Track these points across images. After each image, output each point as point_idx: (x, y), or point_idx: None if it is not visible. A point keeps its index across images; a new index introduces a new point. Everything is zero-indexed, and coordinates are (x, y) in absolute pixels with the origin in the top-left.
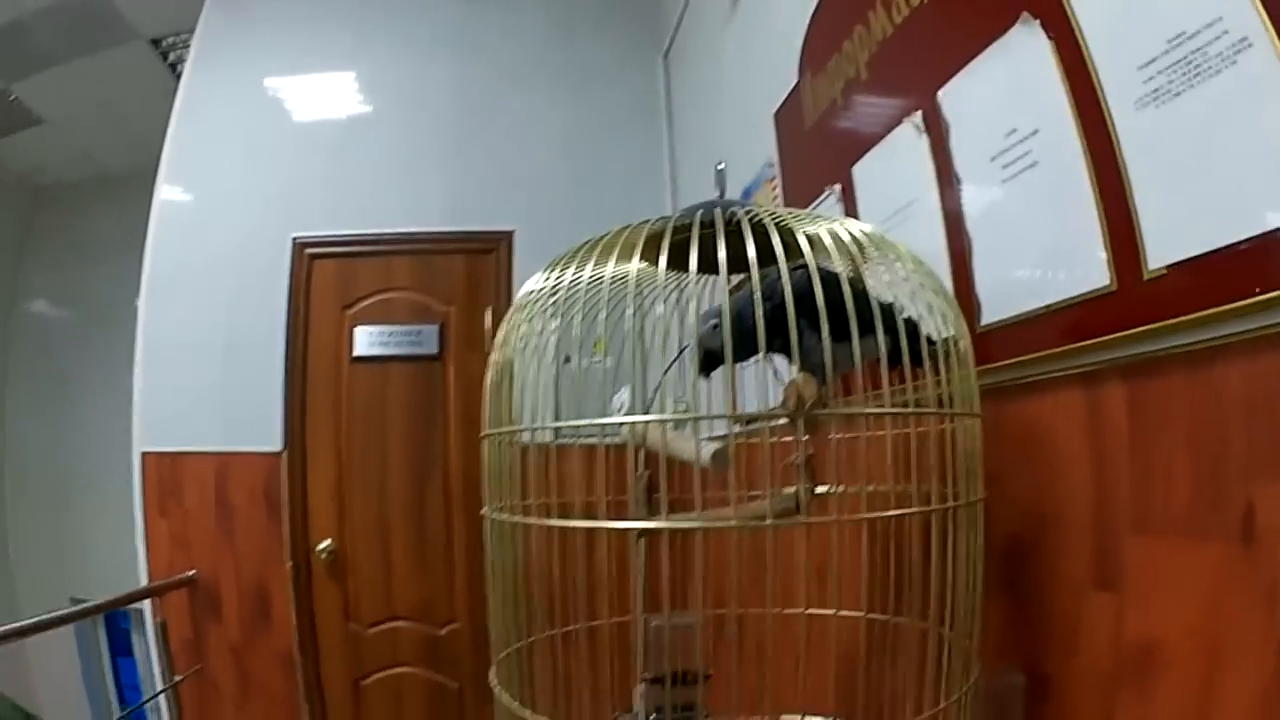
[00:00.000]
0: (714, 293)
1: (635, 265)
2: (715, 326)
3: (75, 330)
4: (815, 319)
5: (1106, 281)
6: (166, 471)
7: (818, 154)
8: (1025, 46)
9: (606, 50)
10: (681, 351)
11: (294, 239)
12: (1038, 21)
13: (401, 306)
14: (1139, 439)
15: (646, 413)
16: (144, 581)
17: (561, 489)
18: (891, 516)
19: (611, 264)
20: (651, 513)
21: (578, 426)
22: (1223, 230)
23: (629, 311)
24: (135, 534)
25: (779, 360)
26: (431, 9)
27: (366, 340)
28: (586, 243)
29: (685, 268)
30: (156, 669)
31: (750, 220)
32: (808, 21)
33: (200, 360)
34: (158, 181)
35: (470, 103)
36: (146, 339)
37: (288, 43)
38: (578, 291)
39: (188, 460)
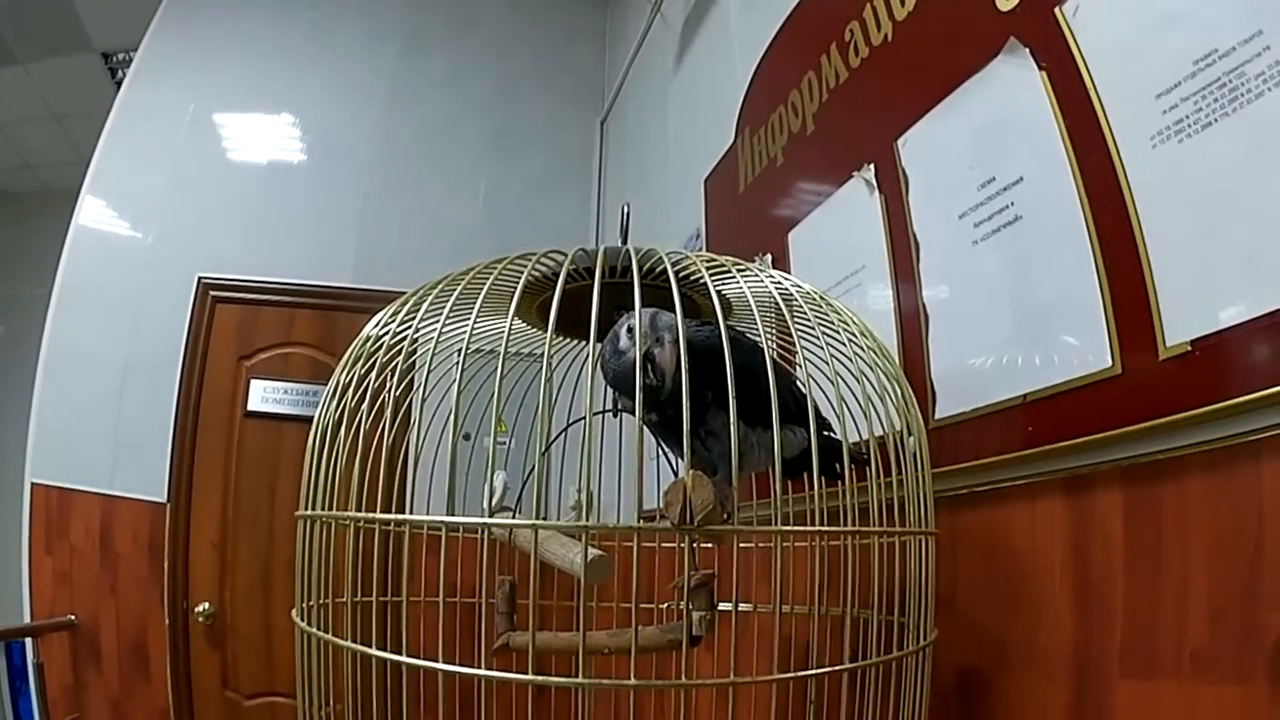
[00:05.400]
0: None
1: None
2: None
3: (3, 344)
4: (721, 392)
5: (1108, 363)
6: (54, 507)
7: (750, 220)
8: (1010, 79)
9: (543, 112)
10: (565, 428)
11: (200, 278)
12: (1027, 50)
13: (300, 363)
14: (1139, 557)
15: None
16: (26, 617)
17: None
18: (815, 676)
19: (475, 318)
20: (514, 625)
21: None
22: (1270, 292)
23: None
24: (20, 567)
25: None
26: (369, 56)
27: (262, 395)
28: (445, 278)
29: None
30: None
31: (648, 269)
32: (752, 72)
33: (95, 393)
34: (80, 196)
35: (395, 156)
36: (49, 361)
37: (225, 74)
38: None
39: (75, 498)
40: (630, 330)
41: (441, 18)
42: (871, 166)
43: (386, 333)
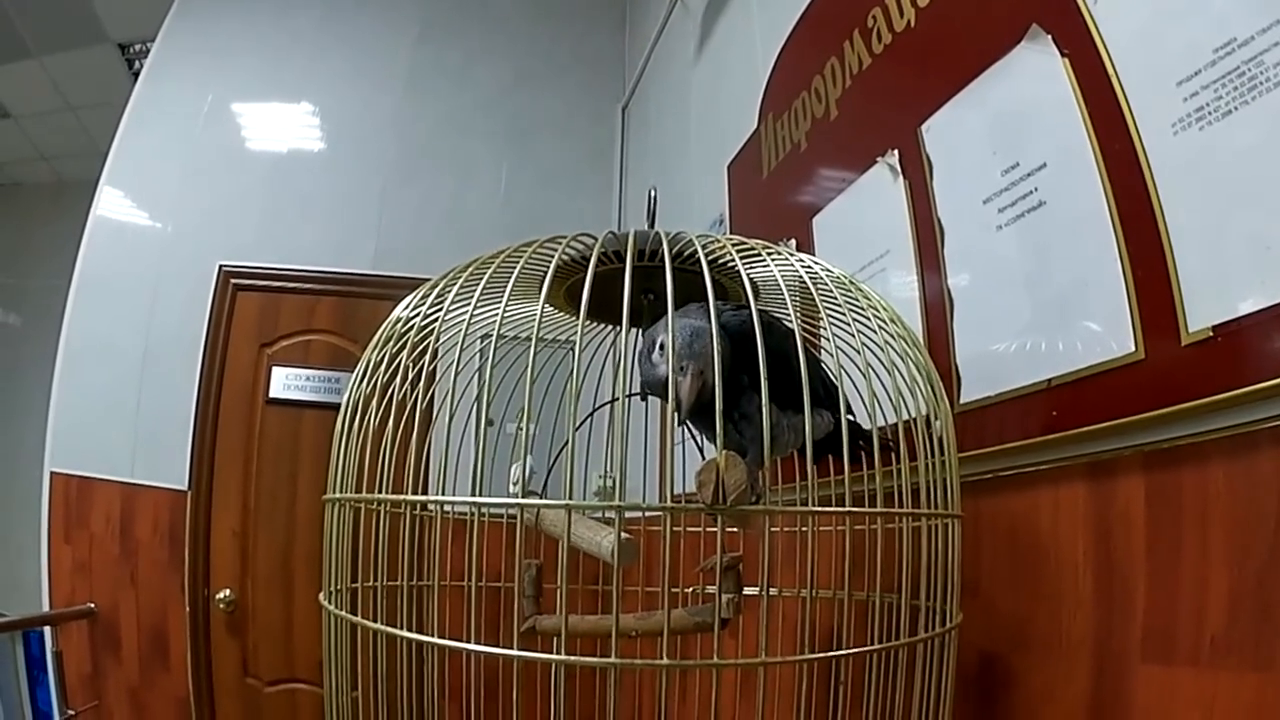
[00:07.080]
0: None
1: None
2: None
3: (19, 335)
4: (756, 376)
5: (1131, 348)
6: (73, 496)
7: (773, 205)
8: (1033, 65)
9: (563, 100)
10: (591, 412)
11: (220, 266)
12: (1049, 36)
13: (321, 350)
14: (1161, 543)
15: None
16: (45, 606)
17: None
18: (840, 657)
19: (505, 302)
20: (540, 609)
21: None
22: None
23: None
24: (39, 557)
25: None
26: (385, 45)
27: (283, 382)
28: (475, 261)
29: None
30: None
31: (678, 253)
32: (774, 58)
33: (115, 382)
34: (98, 187)
35: (413, 144)
36: (68, 351)
37: (241, 65)
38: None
39: (95, 487)
40: (663, 346)
41: (457, 6)
42: (895, 152)
43: (417, 315)
